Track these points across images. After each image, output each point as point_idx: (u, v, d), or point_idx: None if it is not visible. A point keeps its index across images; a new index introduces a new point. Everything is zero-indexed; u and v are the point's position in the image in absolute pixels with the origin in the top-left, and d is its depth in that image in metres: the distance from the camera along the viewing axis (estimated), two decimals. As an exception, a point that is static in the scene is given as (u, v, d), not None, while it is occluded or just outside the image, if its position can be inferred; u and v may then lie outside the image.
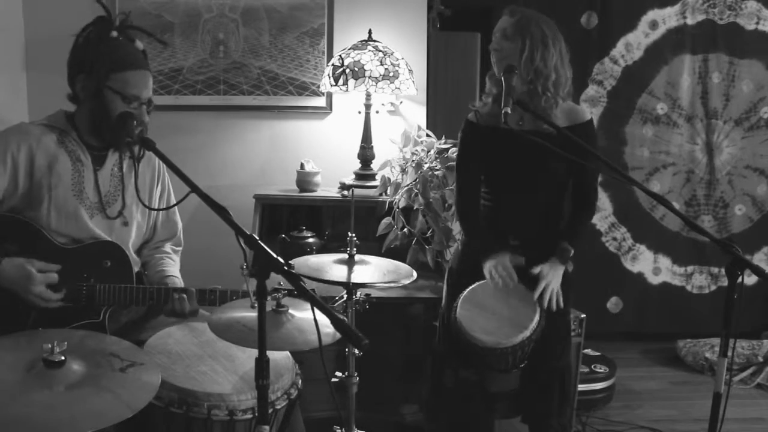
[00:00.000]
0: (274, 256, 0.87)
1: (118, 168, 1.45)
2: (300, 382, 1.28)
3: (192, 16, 2.21)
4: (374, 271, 1.39)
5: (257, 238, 0.90)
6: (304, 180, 2.15)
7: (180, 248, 1.64)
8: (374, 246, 1.91)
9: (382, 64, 1.96)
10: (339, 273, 1.35)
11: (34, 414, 0.80)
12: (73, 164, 1.38)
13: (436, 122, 2.31)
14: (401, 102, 2.26)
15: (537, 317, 1.28)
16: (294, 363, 1.31)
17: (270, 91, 2.27)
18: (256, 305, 0.89)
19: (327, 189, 2.16)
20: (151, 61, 1.49)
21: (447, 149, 1.96)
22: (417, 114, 2.29)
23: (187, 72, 2.24)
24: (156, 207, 1.53)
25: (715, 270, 2.80)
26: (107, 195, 1.43)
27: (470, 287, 1.40)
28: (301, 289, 0.85)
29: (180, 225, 1.62)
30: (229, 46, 2.24)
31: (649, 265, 2.81)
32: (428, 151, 2.00)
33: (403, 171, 2.01)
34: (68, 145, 1.38)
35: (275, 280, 0.97)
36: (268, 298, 0.95)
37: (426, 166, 1.95)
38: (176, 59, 2.23)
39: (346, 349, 1.40)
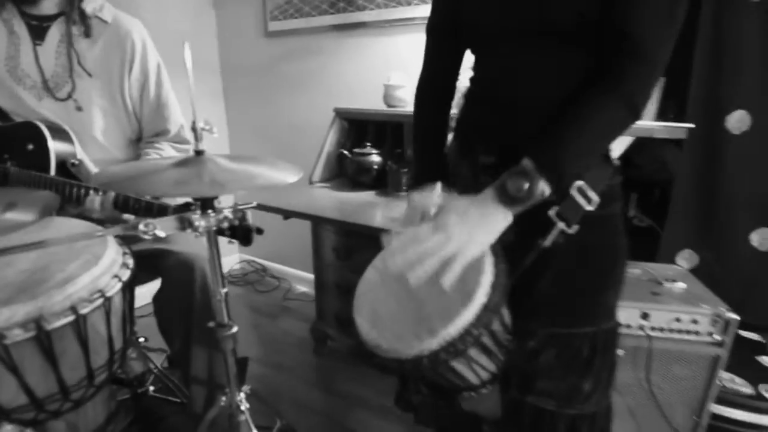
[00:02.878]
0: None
1: (66, 44, 1.27)
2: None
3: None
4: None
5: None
6: (387, 94, 1.90)
7: (185, 145, 1.47)
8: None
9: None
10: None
11: None
12: (9, 37, 1.26)
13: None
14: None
15: (479, 300, 0.69)
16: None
17: (382, 3, 2.06)
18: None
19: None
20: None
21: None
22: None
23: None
24: (134, 97, 1.38)
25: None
26: (54, 75, 1.29)
27: (383, 249, 0.84)
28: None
29: (175, 123, 1.45)
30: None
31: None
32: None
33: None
34: (3, 14, 1.27)
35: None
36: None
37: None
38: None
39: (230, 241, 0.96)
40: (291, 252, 2.69)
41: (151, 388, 1.53)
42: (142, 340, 1.59)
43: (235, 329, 0.95)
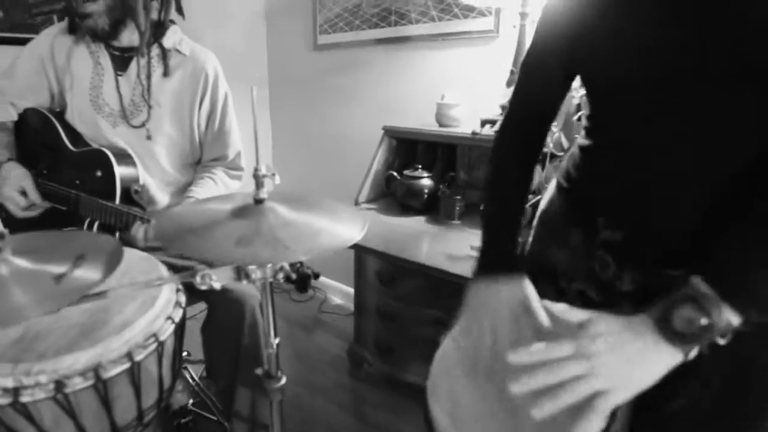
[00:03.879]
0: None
1: (146, 76, 1.34)
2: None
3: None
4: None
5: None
6: (440, 113, 1.84)
7: (238, 172, 1.52)
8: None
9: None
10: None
11: None
12: (94, 68, 1.32)
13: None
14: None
15: (597, 424, 0.54)
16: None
17: (436, 17, 2.02)
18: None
19: (475, 126, 1.71)
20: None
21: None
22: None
23: (366, 6, 2.23)
24: (201, 126, 1.43)
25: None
26: (131, 104, 1.34)
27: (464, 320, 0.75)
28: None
29: (234, 149, 1.50)
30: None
31: None
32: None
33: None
34: (91, 47, 1.33)
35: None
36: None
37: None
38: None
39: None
40: (329, 262, 2.68)
41: (190, 401, 1.55)
42: (184, 354, 1.60)
43: (283, 381, 0.93)
